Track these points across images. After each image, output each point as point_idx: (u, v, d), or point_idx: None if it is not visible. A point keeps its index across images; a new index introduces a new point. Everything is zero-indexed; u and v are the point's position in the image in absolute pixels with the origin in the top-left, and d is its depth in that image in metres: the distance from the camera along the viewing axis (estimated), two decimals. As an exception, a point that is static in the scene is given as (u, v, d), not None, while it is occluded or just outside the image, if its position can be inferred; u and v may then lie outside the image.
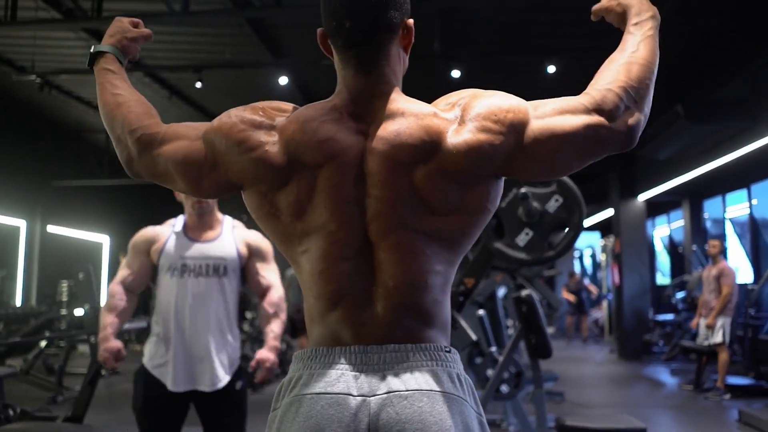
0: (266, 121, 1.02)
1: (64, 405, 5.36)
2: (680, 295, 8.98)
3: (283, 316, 2.33)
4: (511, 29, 5.90)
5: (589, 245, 16.40)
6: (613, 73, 1.02)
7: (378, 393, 0.93)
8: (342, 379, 0.94)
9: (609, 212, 10.16)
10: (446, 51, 5.89)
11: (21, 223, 9.87)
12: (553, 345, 8.66)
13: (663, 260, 12.39)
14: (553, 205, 2.47)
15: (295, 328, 8.31)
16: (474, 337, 2.52)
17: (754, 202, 8.31)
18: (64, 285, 10.05)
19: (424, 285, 0.98)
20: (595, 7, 1.16)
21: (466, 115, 0.98)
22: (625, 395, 6.63)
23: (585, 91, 1.02)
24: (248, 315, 9.96)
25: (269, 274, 2.35)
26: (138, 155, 1.09)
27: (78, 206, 10.81)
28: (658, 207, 11.40)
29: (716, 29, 5.75)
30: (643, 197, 9.48)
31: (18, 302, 9.64)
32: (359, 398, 0.93)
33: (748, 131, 6.42)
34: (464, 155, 0.96)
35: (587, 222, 13.64)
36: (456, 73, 5.93)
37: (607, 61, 1.06)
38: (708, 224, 10.24)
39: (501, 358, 2.86)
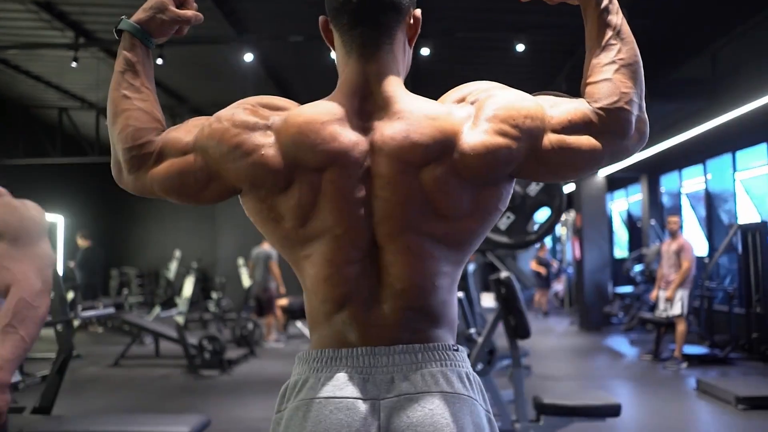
0: (260, 122, 0.97)
1: (27, 392, 5.21)
2: (638, 268, 9.27)
3: (26, 330, 1.49)
4: (480, 6, 5.87)
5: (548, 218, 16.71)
6: (614, 86, 0.98)
7: (388, 396, 0.92)
8: (350, 383, 0.92)
9: (570, 187, 10.33)
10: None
11: (-30, 204, 9.45)
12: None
13: (621, 234, 12.74)
14: (534, 188, 2.48)
15: (261, 307, 8.27)
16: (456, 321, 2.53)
17: (709, 176, 8.59)
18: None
19: (431, 287, 0.96)
20: None
21: (480, 113, 0.95)
22: (588, 366, 6.84)
23: (593, 105, 0.97)
24: (214, 295, 9.85)
25: (14, 263, 1.55)
26: (129, 174, 1.04)
27: (30, 186, 10.36)
28: (616, 182, 11.67)
29: (678, 9, 5.84)
30: (602, 173, 9.68)
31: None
32: (368, 402, 0.91)
33: (707, 109, 6.60)
34: (481, 158, 0.93)
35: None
36: (425, 51, 5.88)
37: (594, 66, 1.00)
38: (665, 199, 10.55)
39: (480, 339, 2.90)
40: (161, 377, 6.14)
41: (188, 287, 7.27)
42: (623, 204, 12.63)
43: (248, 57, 6.24)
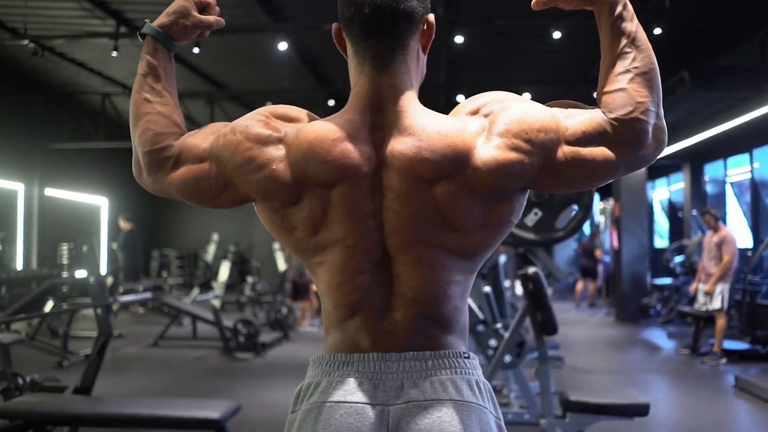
0: (273, 135, 0.98)
1: (71, 370, 5.43)
2: (678, 259, 9.04)
3: None
4: (516, -8, 5.77)
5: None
6: (629, 96, 0.95)
7: (397, 402, 0.92)
8: (361, 388, 0.94)
9: (609, 176, 10.09)
10: (449, 16, 5.76)
11: (19, 187, 9.81)
12: (555, 308, 8.66)
13: (661, 223, 12.43)
14: (562, 185, 2.44)
15: (296, 291, 8.40)
16: (481, 315, 2.52)
17: (756, 165, 8.29)
18: (64, 248, 10.08)
19: (443, 296, 0.96)
20: None
21: (493, 127, 0.94)
22: (623, 359, 6.73)
23: (608, 115, 0.95)
24: (249, 279, 10.04)
25: None
26: (148, 176, 1.08)
27: (75, 169, 10.74)
28: (657, 170, 11.36)
29: (725, -7, 5.62)
30: (643, 161, 9.44)
31: (19, 266, 9.66)
32: (378, 407, 0.92)
33: (753, 98, 6.35)
34: (494, 173, 0.92)
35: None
36: (459, 39, 5.80)
37: (609, 75, 0.97)
38: (708, 188, 10.23)
39: (506, 334, 2.89)
40: (197, 358, 6.30)
41: (224, 271, 7.42)
42: (664, 192, 12.30)
43: (282, 45, 6.28)
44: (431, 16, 1.01)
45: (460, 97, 8.25)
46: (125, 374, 5.64)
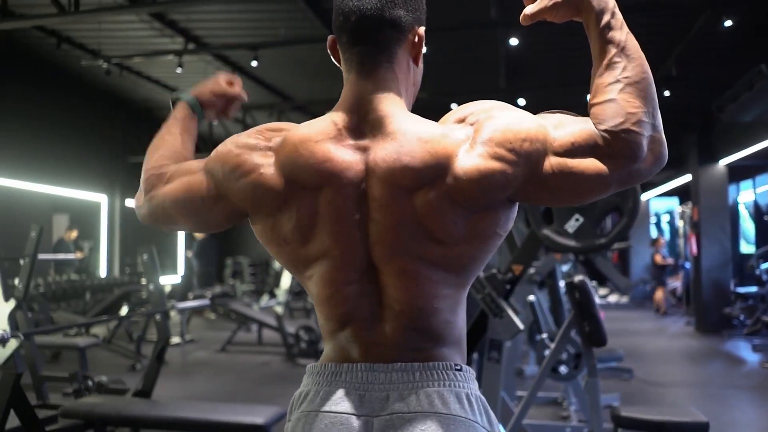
0: (262, 143, 0.99)
1: (142, 373, 5.69)
2: (765, 266, 8.44)
3: None
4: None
5: (668, 210, 15.65)
6: (620, 106, 0.90)
7: (382, 414, 0.92)
8: (346, 398, 0.93)
9: (687, 178, 9.59)
10: (504, 18, 5.65)
11: (102, 198, 10.43)
12: (627, 316, 8.44)
13: (748, 228, 11.66)
14: (605, 189, 2.33)
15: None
16: (521, 326, 2.44)
17: None
18: (145, 256, 10.63)
19: (431, 309, 0.94)
20: (528, 11, 0.97)
21: (477, 136, 0.91)
22: (701, 373, 6.34)
23: (598, 126, 0.90)
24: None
25: None
26: (144, 197, 1.12)
27: (153, 181, 11.29)
28: (742, 171, 10.67)
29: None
30: (724, 162, 8.90)
31: (103, 273, 10.25)
32: (363, 418, 0.92)
33: None
34: (475, 183, 0.90)
35: (664, 187, 13.00)
36: (514, 41, 5.68)
37: (599, 86, 0.93)
38: (799, 189, 9.52)
39: (552, 345, 2.78)
40: (262, 364, 6.45)
41: (286, 278, 7.56)
42: (750, 195, 11.53)
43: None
44: (422, 29, 1.00)
45: (521, 101, 8.08)
46: (192, 378, 5.85)
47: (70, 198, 9.69)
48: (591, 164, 0.90)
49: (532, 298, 3.51)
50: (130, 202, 10.93)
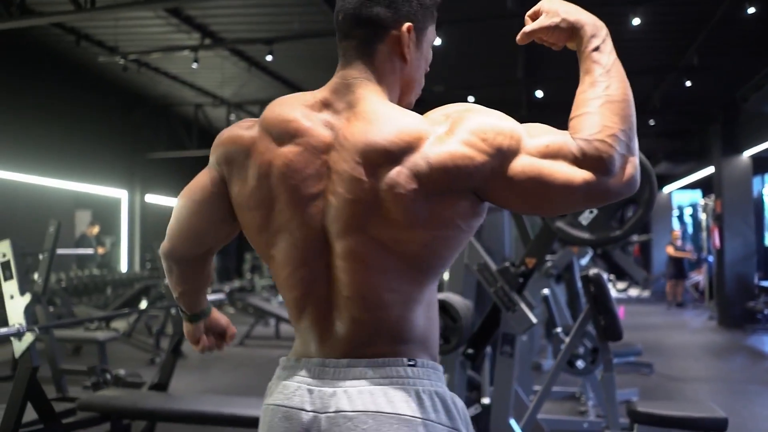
0: (250, 122, 1.04)
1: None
2: (790, 259, 8.27)
3: None
4: (594, -21, 5.48)
5: (691, 203, 15.41)
6: (598, 119, 0.91)
7: (329, 411, 0.92)
8: (298, 393, 0.95)
9: (710, 170, 9.42)
10: (521, 8, 5.57)
11: (122, 194, 10.55)
12: (648, 310, 8.33)
13: (773, 220, 11.43)
14: (620, 180, 2.28)
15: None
16: (534, 320, 2.40)
17: None
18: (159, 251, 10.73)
19: (378, 301, 0.93)
20: (528, 29, 1.01)
21: (455, 127, 0.92)
22: (723, 368, 6.23)
23: (573, 136, 0.91)
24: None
25: None
26: (173, 253, 1.15)
27: (172, 176, 11.39)
28: (767, 163, 10.46)
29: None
30: (748, 153, 8.72)
31: (123, 268, 10.38)
32: (311, 414, 0.93)
33: None
34: (441, 164, 0.89)
35: (687, 179, 12.79)
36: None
37: (580, 101, 0.94)
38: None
39: (567, 339, 2.74)
40: (279, 358, 6.46)
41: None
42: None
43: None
44: (405, 26, 0.99)
45: (539, 93, 7.98)
46: (210, 371, 5.90)
47: (92, 194, 9.82)
48: (561, 169, 0.89)
49: (546, 291, 3.46)
50: (149, 198, 11.05)
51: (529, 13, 1.02)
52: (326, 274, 0.96)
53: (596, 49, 0.96)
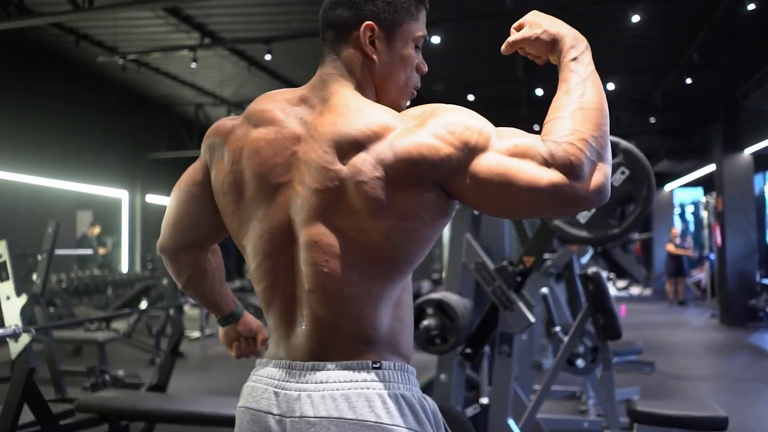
0: (238, 117, 1.07)
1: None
2: (792, 256, 8.24)
3: None
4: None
5: (693, 201, 15.37)
6: (570, 123, 0.91)
7: (293, 415, 0.92)
8: (265, 395, 0.96)
9: (711, 168, 9.39)
10: (519, 6, 5.56)
11: (123, 194, 10.55)
12: (650, 308, 8.28)
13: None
14: (618, 177, 2.26)
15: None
16: (532, 319, 2.39)
17: None
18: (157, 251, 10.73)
19: (339, 295, 0.92)
20: (511, 39, 1.03)
21: (425, 120, 0.92)
22: (725, 366, 6.21)
23: (543, 138, 0.91)
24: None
25: None
26: (166, 245, 1.18)
27: (172, 176, 11.22)
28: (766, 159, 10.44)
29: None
30: (749, 150, 8.69)
31: (124, 268, 10.38)
32: (277, 417, 0.93)
33: None
34: (407, 153, 0.90)
35: (689, 177, 12.75)
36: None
37: (554, 107, 0.95)
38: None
39: (566, 338, 2.72)
40: (279, 358, 6.46)
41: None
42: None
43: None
44: (365, 24, 0.99)
45: (539, 91, 7.95)
46: (211, 372, 5.89)
47: (93, 194, 9.82)
48: (527, 169, 0.88)
49: (544, 290, 3.45)
50: (150, 198, 11.05)
51: (514, 25, 1.04)
52: (291, 267, 0.96)
53: (574, 59, 0.97)
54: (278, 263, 0.97)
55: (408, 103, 1.06)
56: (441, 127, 0.91)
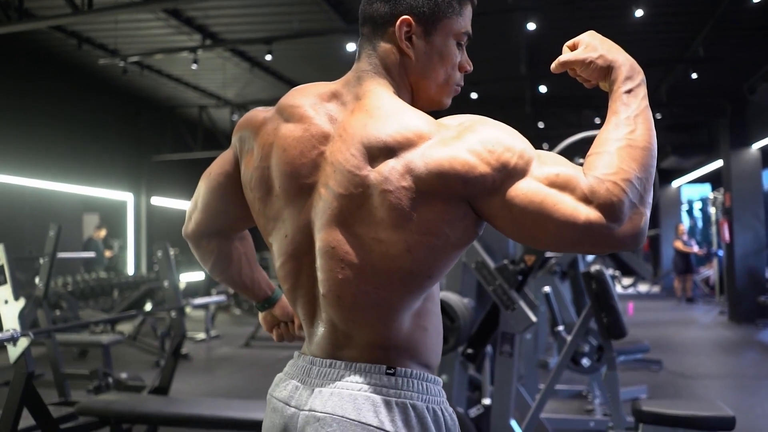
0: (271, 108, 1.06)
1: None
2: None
3: None
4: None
5: (700, 197, 15.25)
6: (615, 160, 0.85)
7: (305, 408, 0.93)
8: (288, 387, 0.98)
9: (718, 163, 9.30)
10: (520, 1, 5.51)
11: (128, 197, 10.56)
12: (658, 306, 8.19)
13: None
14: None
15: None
16: (534, 318, 2.35)
17: None
18: (171, 253, 10.76)
19: (351, 302, 0.90)
20: (563, 59, 0.97)
21: (463, 133, 0.87)
22: (733, 364, 6.14)
23: (586, 172, 0.86)
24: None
25: None
26: (191, 231, 1.18)
27: (177, 178, 11.39)
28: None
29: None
30: (757, 145, 8.61)
31: (130, 271, 10.39)
32: (293, 409, 0.95)
33: None
34: (438, 164, 0.85)
35: (696, 173, 12.65)
36: (531, 26, 5.54)
37: (600, 140, 0.89)
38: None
39: (569, 338, 2.68)
40: (285, 358, 6.38)
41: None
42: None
43: (351, 46, 6.29)
44: (401, 19, 0.96)
45: (542, 88, 7.90)
46: (216, 373, 5.88)
47: (99, 197, 9.83)
48: (566, 202, 0.83)
49: (547, 289, 3.41)
50: (155, 200, 11.06)
51: (567, 43, 0.98)
52: (312, 270, 0.95)
53: (628, 91, 0.91)
54: (300, 265, 0.96)
55: (450, 102, 1.02)
56: (479, 143, 0.85)
